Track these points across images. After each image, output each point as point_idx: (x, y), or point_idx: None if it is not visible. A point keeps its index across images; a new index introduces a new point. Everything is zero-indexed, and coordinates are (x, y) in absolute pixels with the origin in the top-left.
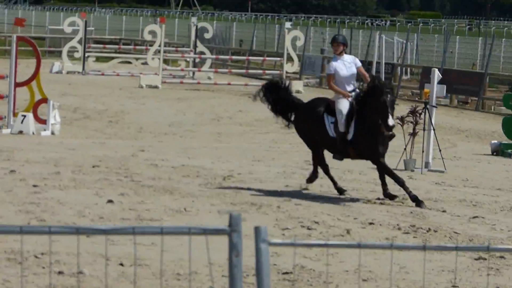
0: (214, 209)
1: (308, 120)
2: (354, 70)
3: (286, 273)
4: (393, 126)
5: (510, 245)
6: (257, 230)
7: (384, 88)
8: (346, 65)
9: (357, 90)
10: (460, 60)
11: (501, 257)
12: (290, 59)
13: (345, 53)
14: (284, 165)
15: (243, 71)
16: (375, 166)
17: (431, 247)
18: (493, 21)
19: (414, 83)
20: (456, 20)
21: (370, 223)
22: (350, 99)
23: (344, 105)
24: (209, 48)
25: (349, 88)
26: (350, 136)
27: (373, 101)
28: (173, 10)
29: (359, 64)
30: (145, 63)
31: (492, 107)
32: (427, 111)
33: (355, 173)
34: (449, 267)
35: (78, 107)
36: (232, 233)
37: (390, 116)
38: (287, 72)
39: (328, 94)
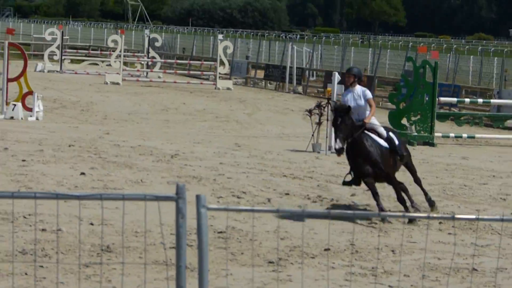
0: (164, 180)
1: None
2: (362, 102)
3: (221, 232)
4: (338, 149)
5: (396, 213)
6: (198, 197)
7: (335, 111)
8: (355, 97)
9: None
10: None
11: (389, 222)
12: (222, 63)
13: (359, 84)
14: (218, 147)
15: (186, 72)
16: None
17: (334, 213)
18: (380, 36)
19: (319, 83)
20: (351, 35)
21: (286, 194)
22: None
23: None
24: (159, 53)
25: (355, 117)
26: None
27: None
28: (130, 24)
29: (369, 96)
30: (109, 65)
31: (380, 103)
32: (329, 105)
33: (274, 154)
34: (348, 229)
35: (57, 99)
36: (178, 199)
37: (335, 139)
38: (220, 73)
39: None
